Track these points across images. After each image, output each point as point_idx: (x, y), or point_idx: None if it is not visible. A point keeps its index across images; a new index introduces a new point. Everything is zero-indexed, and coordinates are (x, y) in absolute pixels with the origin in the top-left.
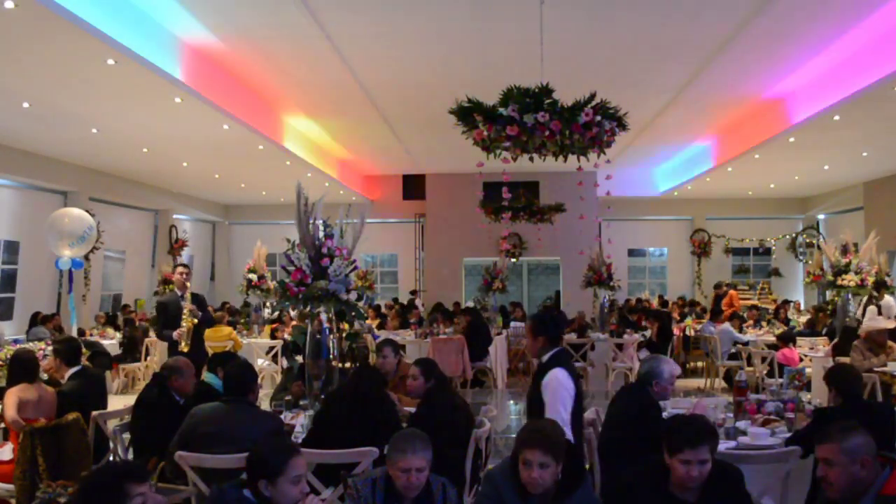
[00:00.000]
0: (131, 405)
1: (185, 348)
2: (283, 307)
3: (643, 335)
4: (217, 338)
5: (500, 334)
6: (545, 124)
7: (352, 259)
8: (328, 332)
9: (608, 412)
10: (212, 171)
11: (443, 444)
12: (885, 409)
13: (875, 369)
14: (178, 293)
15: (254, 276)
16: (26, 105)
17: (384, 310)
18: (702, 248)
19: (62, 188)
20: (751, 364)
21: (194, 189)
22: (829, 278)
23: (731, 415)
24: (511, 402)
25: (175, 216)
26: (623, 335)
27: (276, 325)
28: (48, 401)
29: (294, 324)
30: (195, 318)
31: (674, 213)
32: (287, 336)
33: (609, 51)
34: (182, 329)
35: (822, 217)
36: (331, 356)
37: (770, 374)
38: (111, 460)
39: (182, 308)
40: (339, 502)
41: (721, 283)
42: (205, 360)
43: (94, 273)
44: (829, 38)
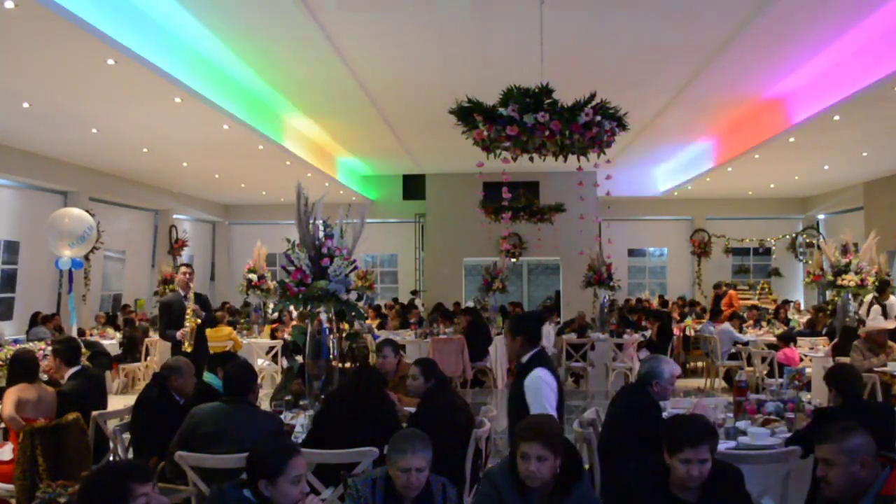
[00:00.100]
0: (131, 405)
1: (189, 348)
2: (283, 307)
3: (643, 335)
4: (217, 338)
5: (499, 334)
6: (545, 124)
7: (352, 259)
8: (328, 332)
9: (608, 412)
10: (212, 171)
11: (443, 444)
12: (885, 409)
13: (875, 369)
14: (182, 293)
15: (254, 276)
16: (26, 105)
17: (384, 310)
18: (702, 248)
19: (62, 188)
20: (751, 364)
21: (194, 189)
22: (829, 278)
23: (731, 415)
24: None
25: (175, 216)
26: (623, 335)
27: (276, 325)
28: (48, 401)
29: (294, 324)
30: (199, 318)
31: (674, 213)
32: (287, 336)
33: (609, 51)
34: (186, 329)
35: (822, 217)
36: (331, 356)
37: (770, 374)
38: (115, 460)
39: (186, 308)
40: (339, 502)
41: (721, 283)
42: (208, 360)
43: (94, 273)
44: (829, 38)
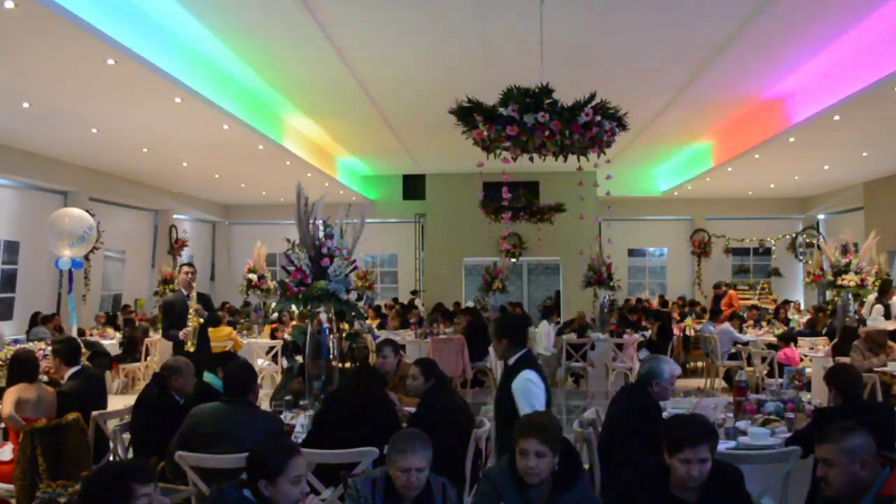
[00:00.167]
0: (131, 405)
1: (192, 348)
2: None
3: (643, 335)
4: (217, 338)
5: None
6: (545, 124)
7: (352, 259)
8: (328, 332)
9: (608, 412)
10: (212, 171)
11: (443, 444)
12: (885, 409)
13: (875, 369)
14: (184, 292)
15: (254, 276)
16: (26, 105)
17: (384, 310)
18: (702, 248)
19: (62, 188)
20: (751, 364)
21: (194, 189)
22: (829, 278)
23: (731, 415)
24: None
25: (175, 216)
26: (623, 335)
27: (276, 325)
28: (48, 401)
29: (294, 324)
30: (201, 318)
31: (674, 213)
32: (287, 336)
33: (609, 51)
34: (188, 329)
35: (822, 217)
36: (331, 356)
37: (770, 374)
38: (116, 460)
39: (188, 307)
40: (339, 502)
41: (721, 283)
42: (210, 359)
43: (94, 273)
44: (829, 38)
